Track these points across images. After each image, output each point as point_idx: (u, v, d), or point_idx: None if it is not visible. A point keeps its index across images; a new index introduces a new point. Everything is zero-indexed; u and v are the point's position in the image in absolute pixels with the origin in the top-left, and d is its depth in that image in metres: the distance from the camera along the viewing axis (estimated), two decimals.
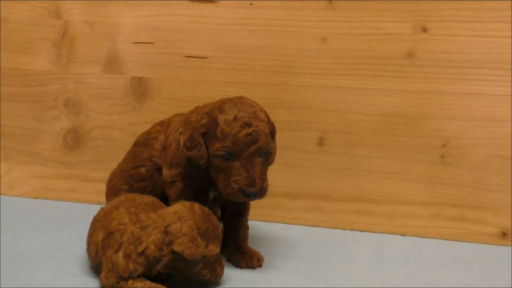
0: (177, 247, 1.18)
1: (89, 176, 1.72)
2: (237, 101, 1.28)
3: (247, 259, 1.36)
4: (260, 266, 1.36)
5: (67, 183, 1.73)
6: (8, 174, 1.76)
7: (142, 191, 1.41)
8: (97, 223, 1.28)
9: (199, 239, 1.19)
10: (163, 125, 1.43)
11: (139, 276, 1.20)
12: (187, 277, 1.23)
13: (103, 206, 1.35)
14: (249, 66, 1.59)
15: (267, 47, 1.58)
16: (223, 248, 1.28)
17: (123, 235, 1.21)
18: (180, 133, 1.33)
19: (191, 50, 1.62)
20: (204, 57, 1.62)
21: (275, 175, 1.29)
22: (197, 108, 1.35)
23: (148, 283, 1.20)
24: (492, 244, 1.51)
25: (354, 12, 1.53)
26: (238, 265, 1.36)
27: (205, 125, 1.27)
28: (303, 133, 1.59)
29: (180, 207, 1.23)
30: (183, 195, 1.34)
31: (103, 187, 1.53)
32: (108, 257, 1.21)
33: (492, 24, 1.47)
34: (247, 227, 1.40)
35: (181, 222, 1.20)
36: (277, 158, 1.33)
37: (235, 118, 1.25)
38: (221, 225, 1.32)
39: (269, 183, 1.27)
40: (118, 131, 1.69)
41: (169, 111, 1.56)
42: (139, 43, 1.65)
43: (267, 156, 1.27)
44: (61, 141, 1.73)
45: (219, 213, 1.46)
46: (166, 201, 1.35)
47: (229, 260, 1.37)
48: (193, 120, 1.30)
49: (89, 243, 1.29)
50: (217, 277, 1.24)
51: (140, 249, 1.20)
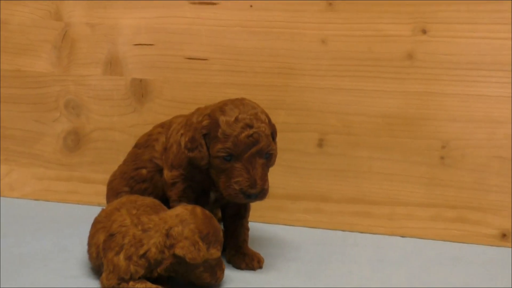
0: (178, 251, 1.18)
1: (89, 178, 1.72)
2: (238, 102, 1.28)
3: (248, 260, 1.36)
4: (261, 267, 1.36)
5: (67, 184, 1.73)
6: (8, 176, 1.76)
7: (143, 192, 1.41)
8: (98, 225, 1.28)
9: (200, 243, 1.19)
10: (164, 126, 1.43)
11: (140, 278, 1.20)
12: (187, 280, 1.23)
13: (104, 207, 1.34)
14: (249, 67, 1.60)
15: (267, 48, 1.58)
16: (223, 250, 1.28)
17: (124, 237, 1.21)
18: (181, 134, 1.32)
19: (192, 52, 1.62)
20: (204, 59, 1.62)
21: (275, 176, 1.29)
22: (198, 109, 1.35)
23: (149, 284, 1.19)
24: (492, 245, 1.52)
25: (354, 14, 1.53)
26: (238, 266, 1.36)
27: (206, 127, 1.27)
28: (303, 135, 1.59)
29: (181, 210, 1.23)
30: (184, 197, 1.34)
31: (103, 188, 1.53)
32: (109, 259, 1.21)
33: (492, 26, 1.47)
34: (247, 229, 1.40)
35: (183, 226, 1.20)
36: (277, 160, 1.33)
37: (236, 119, 1.25)
38: (222, 227, 1.32)
39: (269, 184, 1.27)
40: (119, 132, 1.69)
41: (170, 112, 1.56)
42: (139, 45, 1.65)
43: (268, 157, 1.27)
44: (61, 142, 1.73)
45: (220, 214, 1.46)
46: (167, 202, 1.35)
47: (229, 262, 1.37)
48: (194, 121, 1.30)
49: (90, 244, 1.28)
50: (217, 280, 1.24)
51: (142, 251, 1.20)
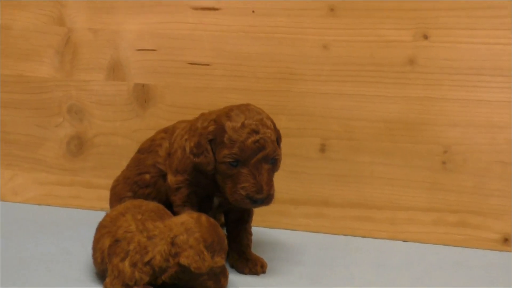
0: (183, 260, 1.18)
1: (92, 183, 1.72)
2: (244, 108, 1.28)
3: (251, 265, 1.36)
4: (264, 272, 1.37)
5: (70, 189, 1.73)
6: (12, 180, 1.76)
7: (146, 197, 1.41)
8: (103, 229, 1.27)
9: (205, 253, 1.18)
10: (167, 132, 1.43)
11: (144, 285, 1.20)
12: (191, 287, 1.22)
13: (108, 212, 1.34)
14: (251, 73, 1.60)
15: (269, 54, 1.59)
16: (227, 255, 1.28)
17: (130, 243, 1.21)
18: (186, 139, 1.32)
19: (194, 57, 1.63)
20: (206, 64, 1.63)
21: (278, 181, 1.29)
22: (202, 115, 1.35)
23: None
24: (493, 250, 1.52)
25: (356, 19, 1.54)
26: (241, 271, 1.36)
27: (212, 132, 1.27)
28: (305, 140, 1.60)
29: (187, 218, 1.23)
30: (188, 202, 1.35)
31: (106, 193, 1.54)
32: (115, 265, 1.21)
33: (492, 31, 1.48)
34: (250, 234, 1.40)
35: (188, 234, 1.19)
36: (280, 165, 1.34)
37: (242, 125, 1.25)
38: (224, 231, 1.32)
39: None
40: (121, 137, 1.69)
41: (172, 117, 1.57)
42: (142, 50, 1.66)
43: (274, 163, 1.28)
44: (64, 147, 1.73)
45: (222, 219, 1.47)
46: (170, 207, 1.36)
47: (232, 267, 1.38)
48: (199, 127, 1.30)
49: (95, 249, 1.28)
50: (221, 287, 1.23)
51: (147, 258, 1.19)
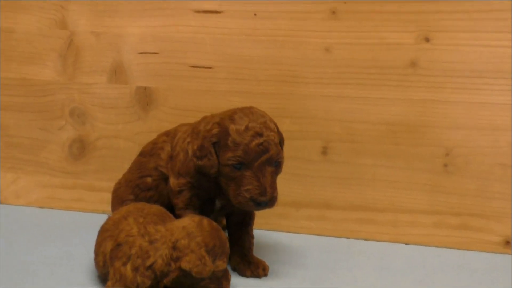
0: (185, 265, 1.17)
1: (94, 186, 1.72)
2: (248, 111, 1.29)
3: (253, 268, 1.37)
4: (266, 275, 1.37)
5: (73, 192, 1.74)
6: (14, 183, 1.76)
7: (148, 200, 1.42)
8: (105, 233, 1.28)
9: (207, 257, 1.18)
10: (169, 135, 1.43)
11: None
12: None
13: (110, 215, 1.34)
14: (253, 76, 1.60)
15: (271, 57, 1.59)
16: (228, 259, 1.28)
17: (131, 247, 1.21)
18: (188, 142, 1.33)
19: (196, 60, 1.63)
20: (208, 67, 1.63)
21: (279, 184, 1.29)
22: (204, 118, 1.35)
23: None
24: (495, 253, 1.52)
25: (358, 22, 1.54)
26: (243, 274, 1.37)
27: (216, 135, 1.28)
28: (307, 142, 1.60)
29: (188, 222, 1.22)
30: (191, 205, 1.35)
31: (108, 196, 1.54)
32: (117, 268, 1.21)
33: (494, 34, 1.48)
34: (252, 236, 1.41)
35: (189, 239, 1.19)
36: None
37: (246, 128, 1.25)
38: (226, 234, 1.32)
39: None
40: (124, 140, 1.70)
41: (174, 120, 1.57)
42: (144, 53, 1.66)
43: (277, 165, 1.28)
44: (67, 150, 1.74)
45: (224, 222, 1.47)
46: (172, 210, 1.36)
47: (234, 269, 1.38)
48: (202, 129, 1.31)
49: (97, 252, 1.28)
50: None
51: (148, 263, 1.19)
